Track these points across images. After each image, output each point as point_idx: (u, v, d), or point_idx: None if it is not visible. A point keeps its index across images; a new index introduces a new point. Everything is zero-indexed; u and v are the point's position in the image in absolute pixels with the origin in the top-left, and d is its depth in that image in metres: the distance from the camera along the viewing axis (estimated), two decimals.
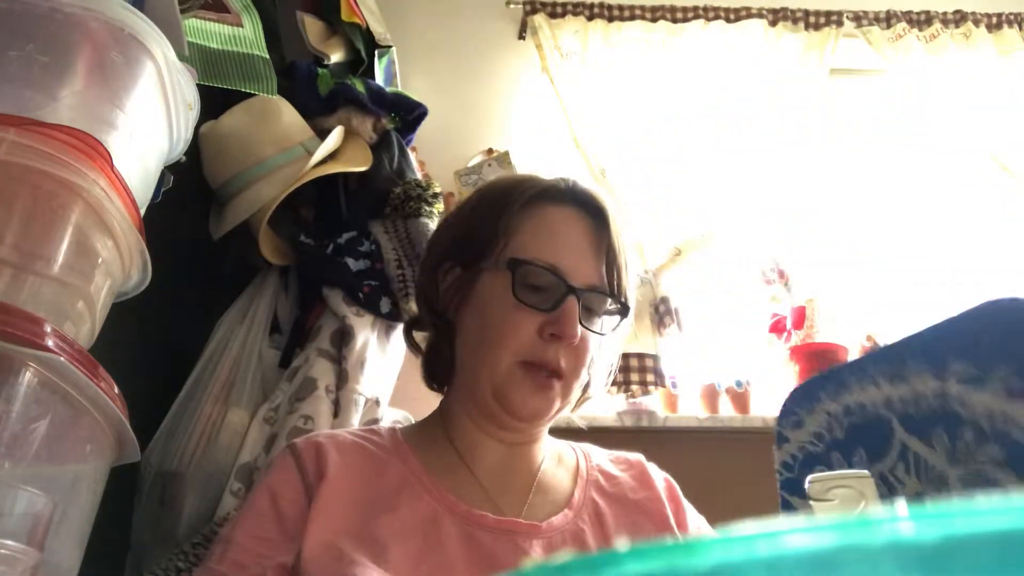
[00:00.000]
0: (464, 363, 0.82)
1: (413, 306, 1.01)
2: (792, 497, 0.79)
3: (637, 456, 0.90)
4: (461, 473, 0.79)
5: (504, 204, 0.82)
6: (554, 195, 0.82)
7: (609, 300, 0.79)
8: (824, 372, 0.76)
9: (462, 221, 0.87)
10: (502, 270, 0.77)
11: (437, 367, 0.87)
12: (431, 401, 0.91)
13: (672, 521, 0.82)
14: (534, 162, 2.11)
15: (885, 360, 0.69)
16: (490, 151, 2.10)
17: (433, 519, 0.72)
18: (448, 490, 0.76)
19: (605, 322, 0.81)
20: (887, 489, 0.65)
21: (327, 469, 0.74)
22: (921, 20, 2.36)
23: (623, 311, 0.81)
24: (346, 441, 0.80)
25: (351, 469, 0.76)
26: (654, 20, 2.30)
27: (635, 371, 1.86)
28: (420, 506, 0.74)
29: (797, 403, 0.77)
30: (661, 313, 2.03)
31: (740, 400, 1.97)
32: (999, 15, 2.38)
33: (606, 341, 0.83)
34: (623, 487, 0.84)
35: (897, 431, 0.65)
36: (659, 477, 0.87)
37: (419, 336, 0.93)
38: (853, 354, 1.90)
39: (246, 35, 1.04)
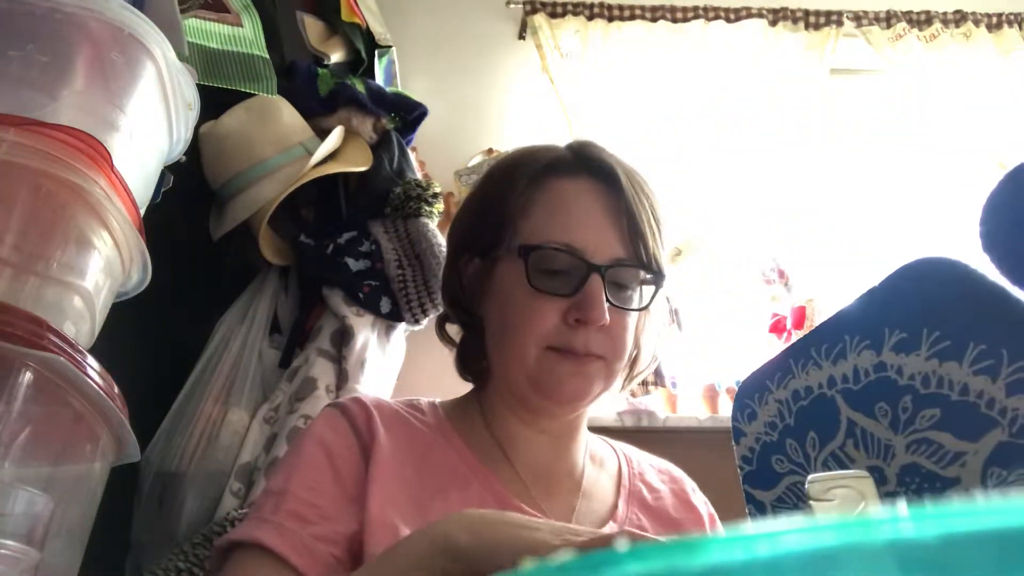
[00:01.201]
0: (494, 356, 0.77)
1: (439, 303, 0.96)
2: (755, 490, 0.78)
3: (680, 472, 0.86)
4: (503, 467, 0.75)
5: (510, 185, 0.76)
6: (560, 167, 0.76)
7: (641, 272, 0.73)
8: (769, 360, 0.74)
9: (474, 207, 0.82)
10: (516, 258, 0.72)
11: (470, 361, 0.82)
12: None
13: None
14: None
15: (824, 339, 0.67)
16: (490, 151, 2.11)
17: (482, 507, 0.68)
18: (496, 480, 0.73)
19: (641, 294, 0.74)
20: (841, 469, 0.64)
21: (377, 436, 0.70)
22: (921, 20, 2.36)
23: (657, 280, 0.74)
24: (391, 411, 0.76)
25: (399, 445, 0.72)
26: (654, 20, 2.30)
27: None
28: (470, 493, 0.70)
29: (748, 395, 0.75)
30: None
31: None
32: (999, 15, 2.38)
33: (654, 310, 0.77)
34: (665, 502, 0.80)
35: (842, 408, 0.64)
36: (701, 502, 0.84)
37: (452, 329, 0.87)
38: None
39: (246, 35, 1.04)
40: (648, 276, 0.73)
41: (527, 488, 0.74)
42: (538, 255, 0.71)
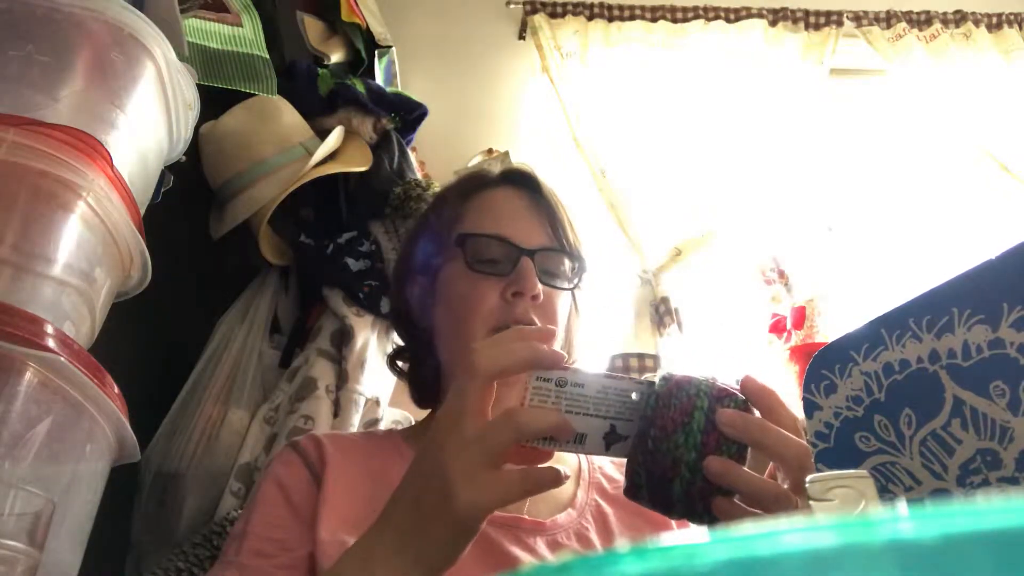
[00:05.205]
0: (444, 357, 0.82)
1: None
2: (831, 470, 0.74)
3: None
4: None
5: (444, 203, 0.87)
6: (487, 181, 0.87)
7: (565, 258, 0.82)
8: (855, 329, 0.69)
9: (412, 239, 0.92)
10: (455, 253, 0.81)
11: (425, 379, 0.87)
12: None
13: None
14: (534, 162, 2.11)
15: (925, 310, 0.62)
16: (490, 151, 2.10)
17: None
18: None
19: (568, 279, 0.83)
20: (943, 449, 0.60)
21: (328, 463, 0.75)
22: (921, 20, 2.36)
23: (580, 267, 0.84)
24: (344, 439, 0.81)
25: (353, 468, 0.76)
26: (654, 20, 2.30)
27: (635, 371, 1.85)
28: None
29: (826, 365, 0.70)
30: (661, 313, 2.03)
31: None
32: (999, 15, 2.38)
33: (582, 307, 0.86)
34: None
35: (947, 385, 0.59)
36: None
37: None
38: None
39: (246, 35, 1.04)
40: (571, 265, 0.83)
41: None
42: (474, 242, 0.80)
